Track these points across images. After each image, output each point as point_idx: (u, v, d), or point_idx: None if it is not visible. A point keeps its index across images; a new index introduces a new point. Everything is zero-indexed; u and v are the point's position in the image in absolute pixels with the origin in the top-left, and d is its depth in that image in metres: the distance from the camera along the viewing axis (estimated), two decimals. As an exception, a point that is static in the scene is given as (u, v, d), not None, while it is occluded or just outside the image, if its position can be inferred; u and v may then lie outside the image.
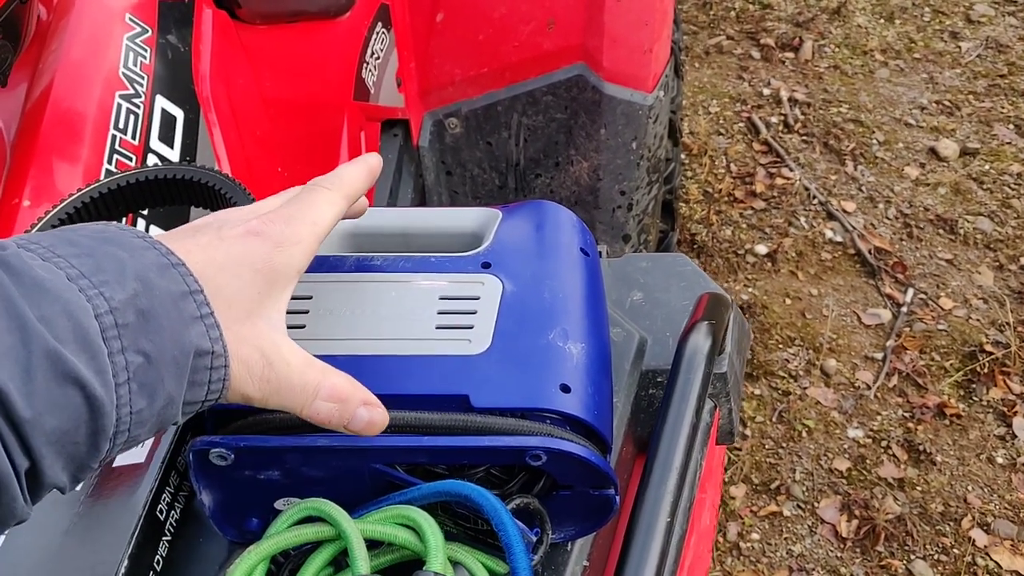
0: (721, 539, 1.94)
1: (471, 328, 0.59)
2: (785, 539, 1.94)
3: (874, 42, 3.22)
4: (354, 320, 0.61)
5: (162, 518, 0.61)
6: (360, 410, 0.51)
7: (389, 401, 0.56)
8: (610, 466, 0.56)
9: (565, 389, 0.56)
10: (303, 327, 0.61)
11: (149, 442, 0.63)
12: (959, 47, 3.18)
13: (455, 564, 0.55)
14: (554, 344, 0.58)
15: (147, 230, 0.93)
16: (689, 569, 0.73)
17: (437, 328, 0.59)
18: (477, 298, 0.61)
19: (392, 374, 0.57)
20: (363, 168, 0.59)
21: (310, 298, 0.62)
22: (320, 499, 0.55)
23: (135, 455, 0.62)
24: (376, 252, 0.69)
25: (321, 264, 0.65)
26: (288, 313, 0.62)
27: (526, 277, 0.63)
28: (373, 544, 0.55)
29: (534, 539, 0.56)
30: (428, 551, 0.52)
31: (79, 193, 0.79)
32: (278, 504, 0.60)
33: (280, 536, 0.54)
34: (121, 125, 0.90)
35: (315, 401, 0.50)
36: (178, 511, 0.63)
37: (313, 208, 0.54)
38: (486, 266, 0.63)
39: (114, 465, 0.62)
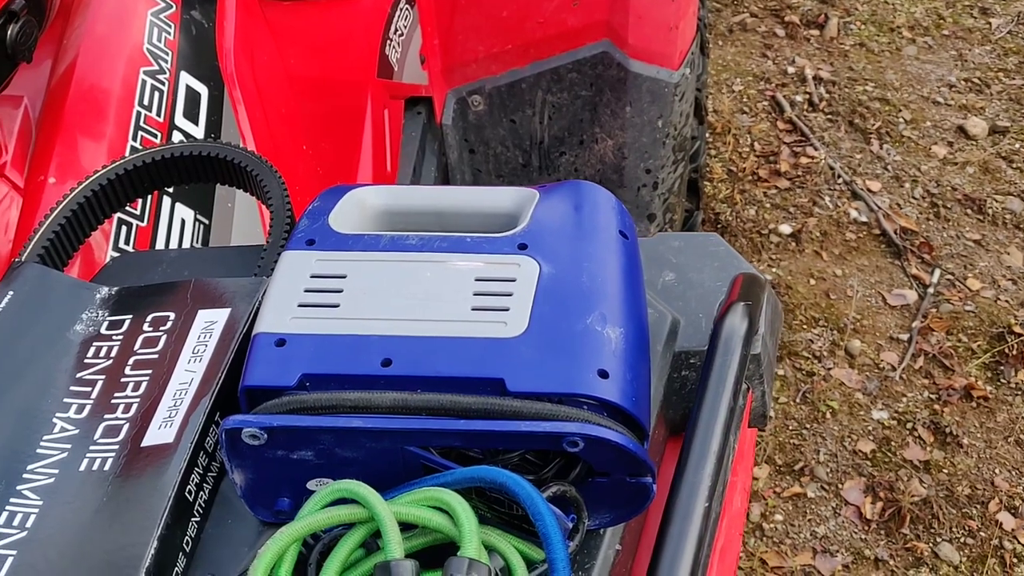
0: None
1: (507, 311, 0.58)
2: (809, 520, 1.93)
3: (901, 19, 3.17)
4: (389, 300, 0.60)
5: (191, 499, 0.60)
6: None
7: (424, 383, 0.56)
8: (647, 454, 0.55)
9: (603, 375, 0.55)
10: (337, 306, 0.60)
11: (178, 421, 0.62)
12: (989, 23, 3.12)
13: (489, 550, 0.54)
14: (592, 328, 0.57)
15: (172, 208, 0.92)
16: (721, 552, 0.73)
17: (473, 310, 0.58)
18: (513, 280, 0.60)
19: (427, 355, 0.56)
20: None
21: (344, 277, 0.61)
22: (353, 480, 0.54)
23: (164, 435, 0.61)
24: (410, 231, 0.68)
25: (356, 242, 0.64)
26: (323, 292, 0.61)
27: (563, 259, 0.61)
28: (406, 527, 0.54)
29: (570, 526, 0.55)
30: (462, 535, 0.51)
31: (104, 170, 0.78)
32: (310, 484, 0.59)
33: (312, 517, 0.53)
34: (146, 102, 0.89)
35: None
36: (207, 492, 0.62)
37: None
38: (523, 247, 0.62)
39: (142, 445, 0.62)
